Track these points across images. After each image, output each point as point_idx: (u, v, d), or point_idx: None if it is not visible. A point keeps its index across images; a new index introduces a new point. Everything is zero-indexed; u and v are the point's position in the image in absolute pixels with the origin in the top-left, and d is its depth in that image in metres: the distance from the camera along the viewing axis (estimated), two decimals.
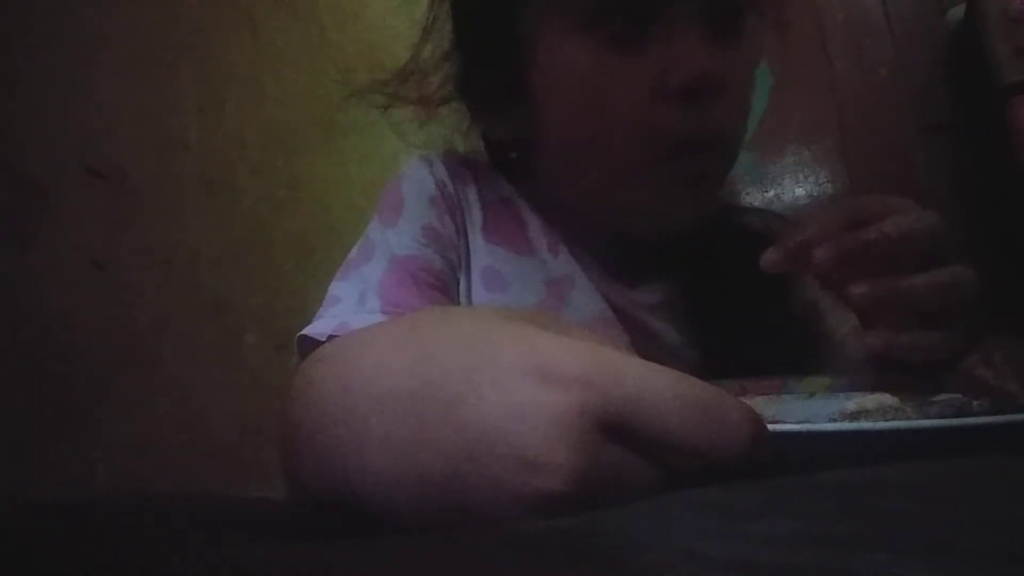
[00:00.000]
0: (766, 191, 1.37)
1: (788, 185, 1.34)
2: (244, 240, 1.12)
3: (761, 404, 0.32)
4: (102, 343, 0.99)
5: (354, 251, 0.52)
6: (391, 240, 0.50)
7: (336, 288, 0.50)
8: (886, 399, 0.29)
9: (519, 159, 0.56)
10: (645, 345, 0.51)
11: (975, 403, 0.29)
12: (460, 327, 0.27)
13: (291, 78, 1.18)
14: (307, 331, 0.46)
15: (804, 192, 1.32)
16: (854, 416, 0.28)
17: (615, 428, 0.22)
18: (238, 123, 1.15)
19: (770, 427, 0.23)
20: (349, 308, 0.47)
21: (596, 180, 0.48)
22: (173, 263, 1.06)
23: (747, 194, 1.39)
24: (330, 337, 0.38)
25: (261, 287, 1.09)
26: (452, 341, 0.26)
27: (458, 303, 0.51)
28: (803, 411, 0.31)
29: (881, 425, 0.24)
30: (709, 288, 0.52)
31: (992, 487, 0.16)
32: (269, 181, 1.16)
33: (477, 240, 0.52)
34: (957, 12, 1.07)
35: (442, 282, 0.50)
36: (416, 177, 0.54)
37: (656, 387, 0.22)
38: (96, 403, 0.97)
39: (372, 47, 1.11)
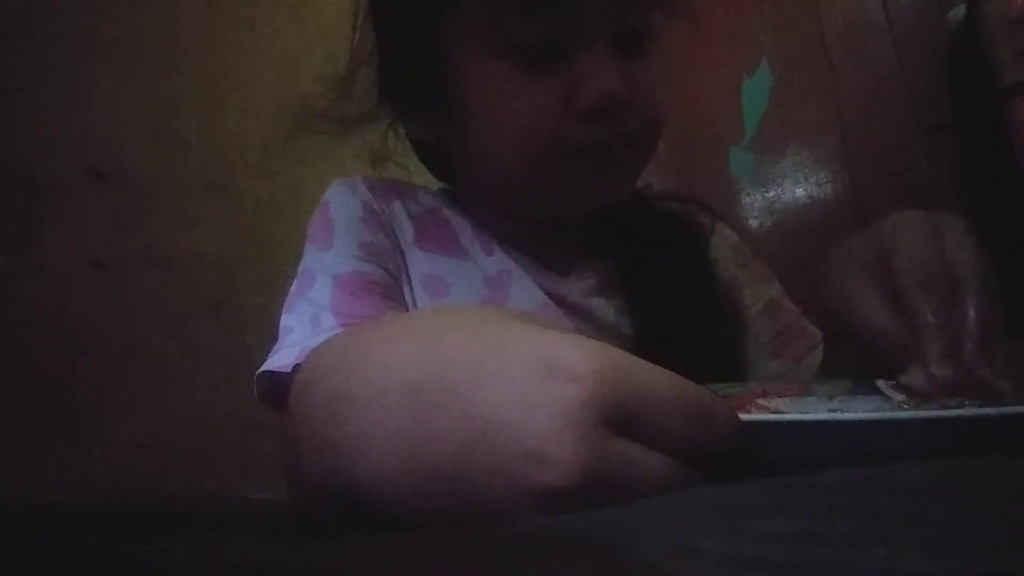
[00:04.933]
0: (766, 191, 1.37)
1: (788, 185, 1.34)
2: (244, 240, 1.12)
3: (784, 405, 0.32)
4: (102, 343, 0.99)
5: (293, 285, 0.52)
6: (330, 262, 0.51)
7: (285, 320, 0.50)
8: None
9: (443, 158, 0.58)
10: (586, 328, 0.53)
11: (966, 403, 0.30)
12: (467, 320, 0.27)
13: (291, 78, 1.18)
14: (267, 367, 0.45)
15: (804, 192, 1.32)
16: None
17: (622, 422, 0.22)
18: (238, 123, 1.15)
19: (743, 417, 0.24)
20: (305, 334, 0.47)
21: (510, 177, 0.51)
22: (174, 263, 1.06)
23: (747, 194, 1.39)
24: (295, 368, 0.37)
25: (261, 287, 1.09)
26: (459, 333, 0.26)
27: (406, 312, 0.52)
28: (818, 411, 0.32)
29: (861, 416, 0.24)
30: (637, 269, 0.55)
31: (988, 485, 0.16)
32: (269, 182, 1.16)
33: (412, 251, 0.53)
34: (957, 13, 1.07)
35: (390, 292, 0.51)
36: (341, 200, 0.55)
37: (658, 385, 0.23)
38: (96, 403, 0.97)
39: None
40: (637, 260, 0.55)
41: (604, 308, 0.54)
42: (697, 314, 0.52)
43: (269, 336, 0.47)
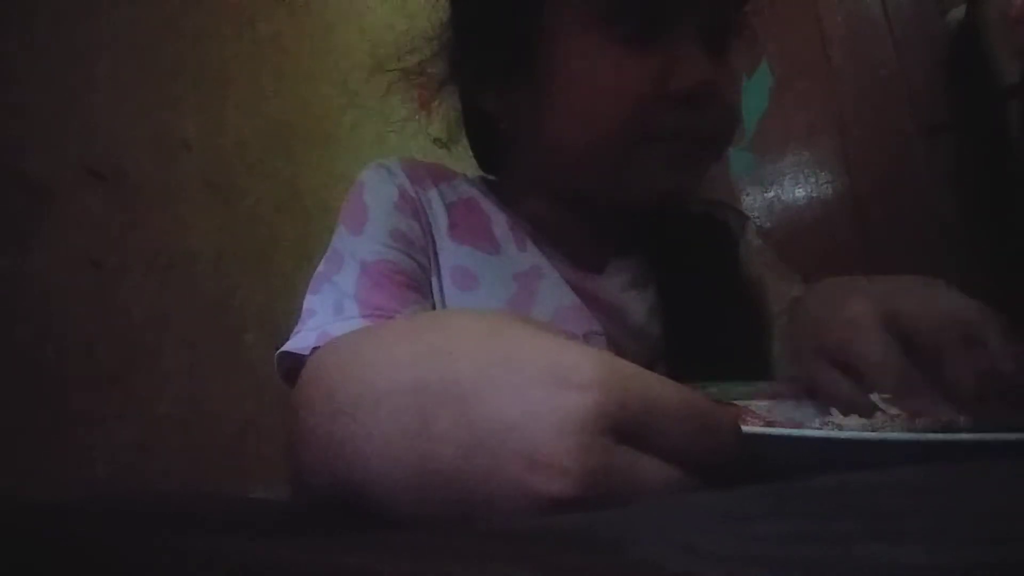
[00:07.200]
0: (766, 191, 1.37)
1: (788, 185, 1.34)
2: (244, 240, 1.12)
3: (782, 416, 0.33)
4: (102, 343, 0.99)
5: (321, 265, 0.52)
6: (359, 247, 0.50)
7: (310, 302, 0.50)
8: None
9: (497, 141, 0.58)
10: (614, 328, 0.53)
11: (961, 419, 0.30)
12: (476, 326, 0.27)
13: (291, 78, 1.18)
14: (288, 347, 0.46)
15: (804, 192, 1.32)
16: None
17: (626, 431, 0.22)
18: (238, 123, 1.15)
19: (745, 429, 0.24)
20: (327, 319, 0.47)
21: (584, 155, 0.51)
22: (173, 263, 1.06)
23: (747, 194, 1.39)
24: (313, 350, 0.37)
25: (261, 287, 1.09)
26: (467, 338, 0.26)
27: (432, 304, 0.52)
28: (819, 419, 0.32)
29: (859, 435, 0.25)
30: (669, 269, 0.56)
31: (980, 485, 0.16)
32: (269, 181, 1.16)
33: (444, 241, 0.53)
34: (957, 13, 1.07)
35: (416, 283, 0.51)
36: (376, 184, 0.54)
37: (663, 395, 0.23)
38: (96, 402, 0.97)
39: (373, 48, 1.11)
40: (669, 260, 0.56)
41: (635, 307, 0.54)
42: (726, 314, 0.53)
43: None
